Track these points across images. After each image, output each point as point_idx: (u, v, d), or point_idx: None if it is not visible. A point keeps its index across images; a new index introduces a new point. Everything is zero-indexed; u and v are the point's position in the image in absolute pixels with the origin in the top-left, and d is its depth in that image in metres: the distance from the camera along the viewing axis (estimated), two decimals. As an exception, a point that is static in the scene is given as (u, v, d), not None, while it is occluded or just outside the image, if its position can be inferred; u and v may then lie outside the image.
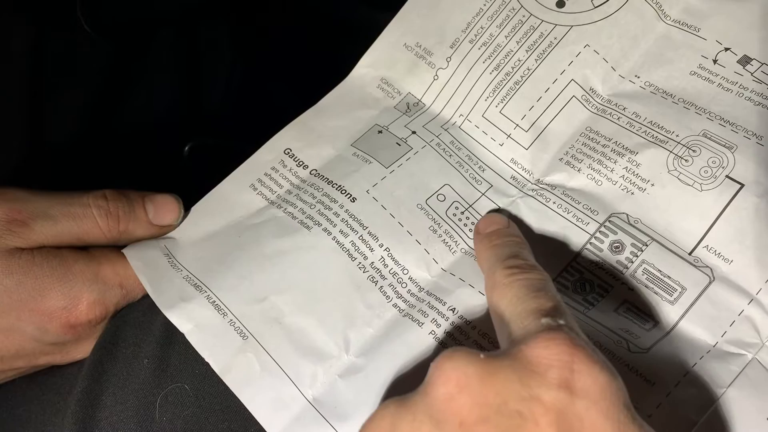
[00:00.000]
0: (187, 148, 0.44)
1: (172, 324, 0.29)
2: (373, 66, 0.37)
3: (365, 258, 0.31)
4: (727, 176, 0.30)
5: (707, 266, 0.29)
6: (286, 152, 0.35)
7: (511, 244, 0.28)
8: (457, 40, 0.35)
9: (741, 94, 0.31)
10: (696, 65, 0.32)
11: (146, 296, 0.31)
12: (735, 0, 0.33)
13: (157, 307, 0.30)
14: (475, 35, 0.35)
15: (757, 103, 0.31)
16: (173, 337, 0.30)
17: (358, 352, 0.29)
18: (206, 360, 0.28)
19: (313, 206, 0.32)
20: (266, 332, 0.29)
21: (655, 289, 0.29)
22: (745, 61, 0.32)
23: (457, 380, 0.19)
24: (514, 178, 0.33)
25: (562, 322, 0.22)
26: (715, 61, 0.32)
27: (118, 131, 0.43)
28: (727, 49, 0.32)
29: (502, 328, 0.24)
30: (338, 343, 0.29)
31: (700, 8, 0.33)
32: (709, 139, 0.31)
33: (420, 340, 0.28)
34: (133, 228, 0.32)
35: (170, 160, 0.44)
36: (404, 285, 0.30)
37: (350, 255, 0.31)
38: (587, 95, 0.33)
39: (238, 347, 0.28)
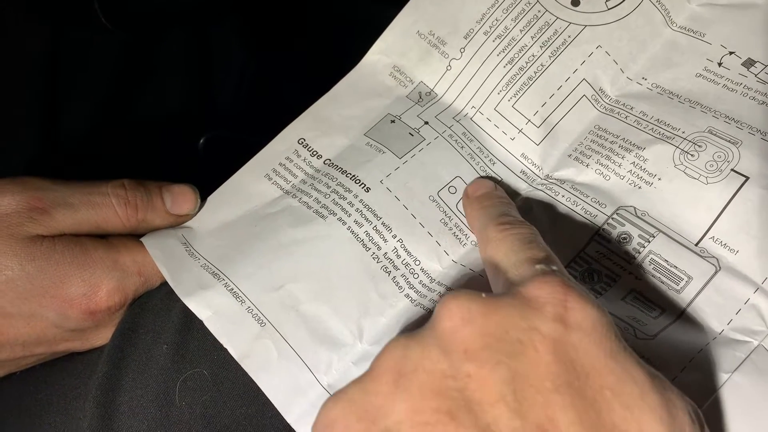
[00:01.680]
0: (202, 141, 0.44)
1: (190, 311, 0.30)
2: (385, 53, 0.38)
3: (379, 248, 0.31)
4: (732, 170, 0.30)
5: (713, 256, 0.29)
6: (300, 142, 0.35)
7: (500, 204, 0.30)
8: (472, 30, 0.36)
9: (745, 94, 0.32)
10: (701, 68, 0.34)
11: (164, 283, 0.32)
12: (738, 7, 0.34)
13: (174, 294, 0.31)
14: (490, 27, 0.35)
15: (761, 102, 0.32)
16: (191, 323, 0.30)
17: (371, 340, 0.29)
18: (225, 346, 0.29)
19: (327, 196, 0.33)
20: (283, 319, 0.29)
21: (662, 278, 0.30)
22: (749, 63, 0.33)
23: (461, 315, 0.21)
24: (523, 172, 0.34)
25: (554, 267, 0.23)
26: (720, 64, 0.33)
27: (134, 125, 0.43)
28: (731, 53, 0.33)
29: (497, 278, 0.26)
30: (353, 331, 0.29)
31: (705, 15, 0.34)
32: (715, 135, 0.31)
33: None
34: (152, 217, 0.33)
35: (185, 152, 0.45)
36: (416, 276, 0.31)
37: (365, 245, 0.31)
38: (597, 95, 0.34)
39: (256, 334, 0.29)
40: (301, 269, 0.31)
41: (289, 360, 0.28)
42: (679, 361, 0.27)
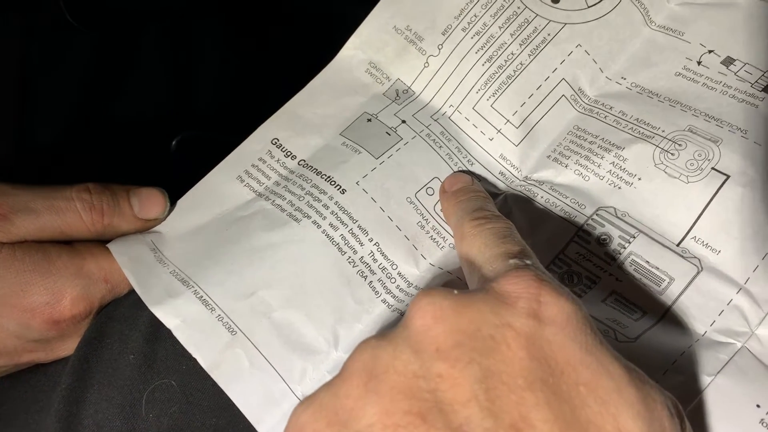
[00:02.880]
0: (174, 142, 0.43)
1: (159, 319, 0.29)
2: (360, 48, 0.37)
3: (355, 252, 0.30)
4: (713, 168, 0.30)
5: (695, 257, 0.29)
6: (273, 142, 0.34)
7: (476, 199, 0.30)
8: (450, 26, 0.35)
9: (725, 92, 0.32)
10: (681, 67, 0.33)
11: (132, 291, 0.31)
12: (717, 6, 0.34)
13: (143, 301, 0.29)
14: (468, 23, 0.35)
15: (740, 99, 0.31)
16: (160, 332, 0.29)
17: (347, 348, 0.28)
18: (194, 356, 0.28)
19: (302, 198, 0.32)
20: (255, 327, 0.28)
21: (643, 280, 0.29)
22: (728, 61, 0.33)
23: (433, 313, 0.20)
24: (502, 173, 0.34)
25: (528, 262, 0.23)
26: (699, 63, 0.33)
27: (106, 126, 0.42)
28: (710, 51, 0.33)
29: (472, 273, 0.25)
30: (327, 338, 0.28)
31: (684, 14, 0.34)
32: (695, 133, 0.31)
33: None
34: (118, 222, 0.32)
35: (158, 154, 0.43)
36: (393, 280, 0.30)
37: (340, 249, 0.30)
38: (576, 95, 0.34)
39: (226, 343, 0.28)
40: (274, 275, 0.30)
41: (262, 369, 0.27)
42: (661, 364, 0.26)
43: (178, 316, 0.29)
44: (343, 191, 0.32)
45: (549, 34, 0.34)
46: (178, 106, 0.46)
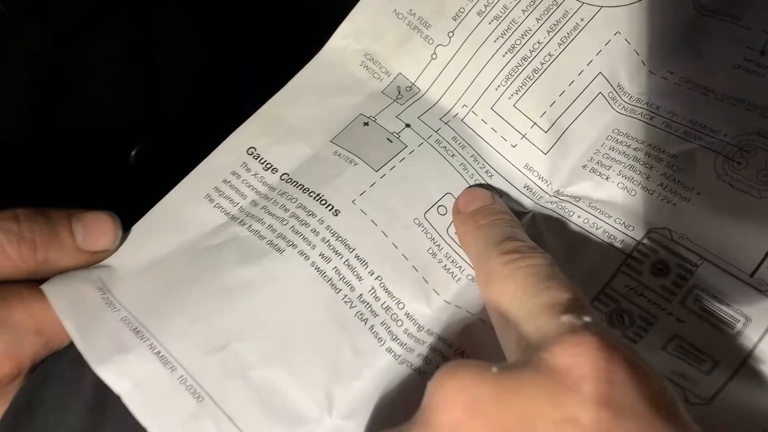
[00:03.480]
0: (133, 153, 0.37)
1: (105, 381, 0.23)
2: (354, 37, 0.31)
3: (352, 289, 0.25)
4: None
5: None
6: (249, 152, 0.28)
7: (501, 224, 0.24)
8: (462, 10, 0.29)
9: None
10: (741, 58, 0.28)
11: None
12: None
13: (86, 358, 0.23)
14: (485, 5, 0.29)
15: None
16: (107, 399, 0.23)
17: (344, 413, 0.23)
18: (149, 431, 0.22)
19: (285, 222, 0.26)
20: (228, 391, 0.22)
21: (712, 320, 0.24)
22: None
23: (465, 403, 0.16)
24: (528, 187, 0.28)
25: (587, 318, 0.18)
26: (763, 53, 0.28)
27: (50, 135, 0.36)
28: None
29: (507, 331, 0.20)
30: (320, 402, 0.23)
31: None
32: (765, 137, 0.26)
33: (418, 390, 0.23)
34: (56, 256, 0.25)
35: (114, 169, 0.37)
36: (400, 323, 0.25)
37: (334, 285, 0.25)
38: (614, 93, 0.28)
39: (191, 412, 0.22)
40: (251, 322, 0.24)
41: None
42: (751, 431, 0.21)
43: (129, 377, 0.23)
44: (337, 212, 0.26)
45: (582, 20, 0.28)
46: (139, 111, 0.40)
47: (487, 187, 0.28)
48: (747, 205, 0.25)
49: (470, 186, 0.27)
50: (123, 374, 0.23)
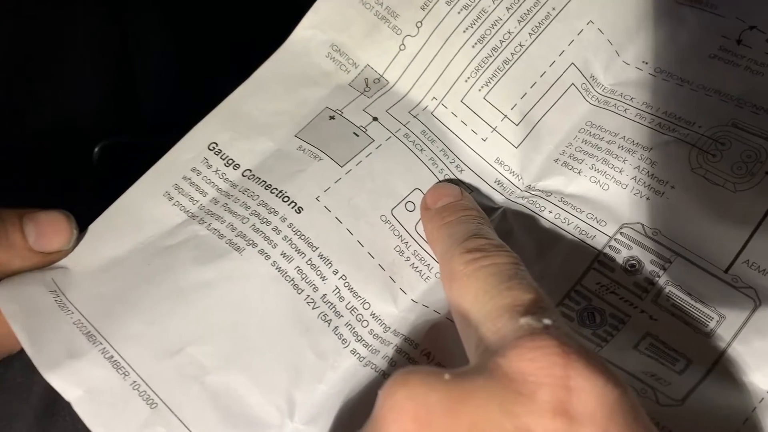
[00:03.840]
0: (97, 150, 0.36)
1: (56, 388, 0.22)
2: (320, 27, 0.30)
3: (315, 289, 0.24)
4: (766, 172, 0.24)
5: (749, 287, 0.23)
6: (210, 148, 0.27)
7: (468, 220, 0.23)
8: None
9: None
10: (716, 47, 0.28)
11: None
12: None
13: (36, 364, 0.22)
14: None
15: None
16: (57, 406, 0.22)
17: (306, 419, 0.22)
18: (99, 440, 0.21)
19: (246, 220, 0.25)
20: (183, 397, 0.22)
21: (685, 318, 0.23)
22: None
23: (415, 413, 0.15)
24: (499, 182, 0.27)
25: (547, 321, 0.17)
26: (738, 42, 0.27)
27: (7, 131, 0.34)
28: (752, 27, 0.27)
29: (468, 332, 0.19)
30: (280, 407, 0.22)
31: None
32: (740, 129, 0.25)
33: None
34: (6, 257, 0.24)
35: (76, 167, 0.36)
36: (365, 324, 0.24)
37: (296, 285, 0.24)
38: (588, 84, 0.27)
39: (144, 420, 0.21)
40: (208, 324, 0.23)
41: None
42: None
43: (80, 384, 0.22)
44: (300, 210, 0.25)
45: (554, 9, 0.27)
46: (110, 107, 0.39)
47: (457, 182, 0.27)
48: (722, 199, 0.24)
49: (439, 181, 0.27)
50: (74, 380, 0.22)
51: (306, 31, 0.30)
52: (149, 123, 0.43)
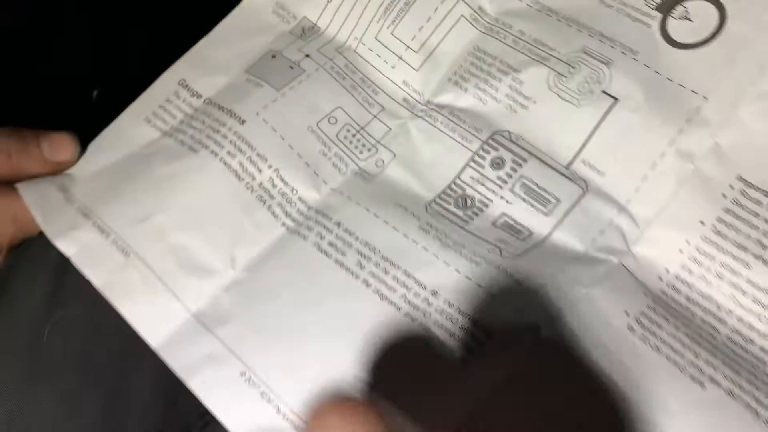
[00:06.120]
0: (95, 93, 0.43)
1: (68, 254, 0.30)
2: None
3: (253, 179, 0.31)
4: (603, 91, 0.30)
5: (582, 179, 0.29)
6: (180, 83, 0.35)
7: None
8: None
9: (621, 11, 0.32)
10: None
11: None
12: None
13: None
14: None
15: (635, 19, 0.31)
16: (67, 265, 0.30)
17: (245, 268, 0.29)
18: (88, 278, 0.29)
19: (202, 131, 0.32)
20: (149, 249, 0.29)
21: (531, 202, 0.30)
22: None
23: None
24: (405, 100, 0.34)
25: None
26: None
27: (22, 80, 0.41)
28: None
29: None
30: (224, 259, 0.29)
31: None
32: (589, 55, 0.31)
33: (303, 250, 0.29)
34: (27, 164, 0.32)
35: (80, 106, 0.43)
36: (293, 204, 0.31)
37: (238, 175, 0.31)
38: (476, 14, 0.34)
39: (120, 264, 0.29)
40: (171, 201, 0.30)
41: (154, 288, 0.28)
42: (542, 276, 0.27)
43: (76, 243, 0.30)
44: (243, 122, 0.32)
45: None
46: (99, 72, 0.44)
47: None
48: (568, 112, 0.30)
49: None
50: (72, 242, 0.30)
51: None
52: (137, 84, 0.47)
